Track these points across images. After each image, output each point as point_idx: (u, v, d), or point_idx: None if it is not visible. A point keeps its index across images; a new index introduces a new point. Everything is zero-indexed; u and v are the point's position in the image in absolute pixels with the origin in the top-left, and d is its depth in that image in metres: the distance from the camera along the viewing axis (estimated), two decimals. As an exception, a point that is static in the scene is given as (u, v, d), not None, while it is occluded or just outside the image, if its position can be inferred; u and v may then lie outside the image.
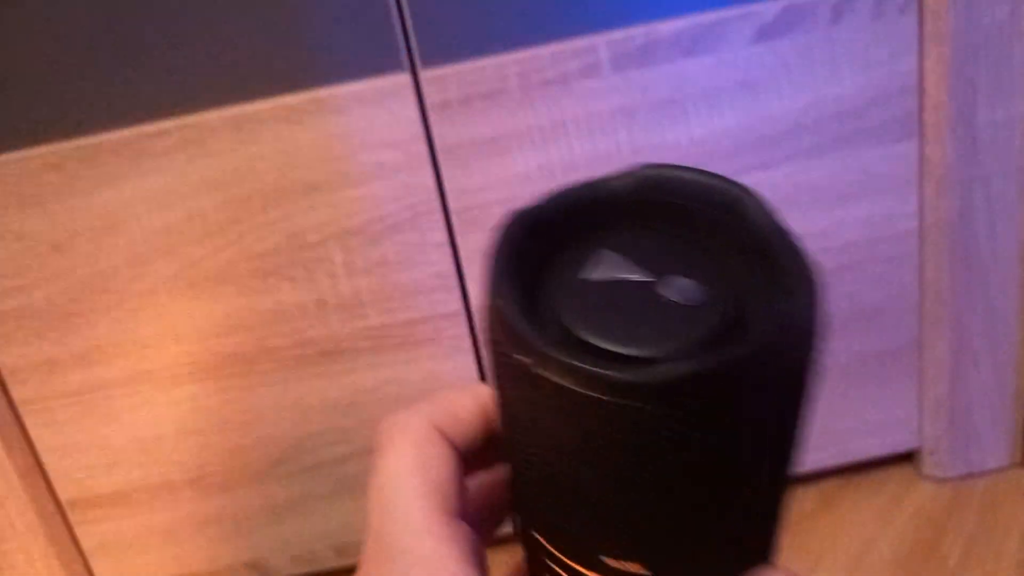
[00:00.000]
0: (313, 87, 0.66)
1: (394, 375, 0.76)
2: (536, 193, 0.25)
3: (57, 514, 0.79)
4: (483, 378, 0.77)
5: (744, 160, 0.71)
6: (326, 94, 0.66)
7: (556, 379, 0.21)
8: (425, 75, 0.66)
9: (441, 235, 0.71)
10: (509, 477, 0.27)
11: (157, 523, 0.81)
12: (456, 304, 0.74)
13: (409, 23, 0.65)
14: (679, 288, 0.23)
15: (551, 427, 0.22)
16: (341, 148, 0.68)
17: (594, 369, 0.20)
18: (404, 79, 0.66)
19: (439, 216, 0.71)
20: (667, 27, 0.67)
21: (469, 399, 0.28)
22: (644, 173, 0.25)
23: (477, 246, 0.72)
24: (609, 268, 0.23)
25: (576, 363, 0.21)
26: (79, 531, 0.80)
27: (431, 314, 0.74)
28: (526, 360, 0.21)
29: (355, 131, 0.68)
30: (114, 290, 0.72)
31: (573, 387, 0.21)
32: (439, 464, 0.26)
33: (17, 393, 0.74)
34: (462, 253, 0.72)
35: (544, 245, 0.24)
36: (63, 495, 0.79)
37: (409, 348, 0.75)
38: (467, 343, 0.75)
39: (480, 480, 0.29)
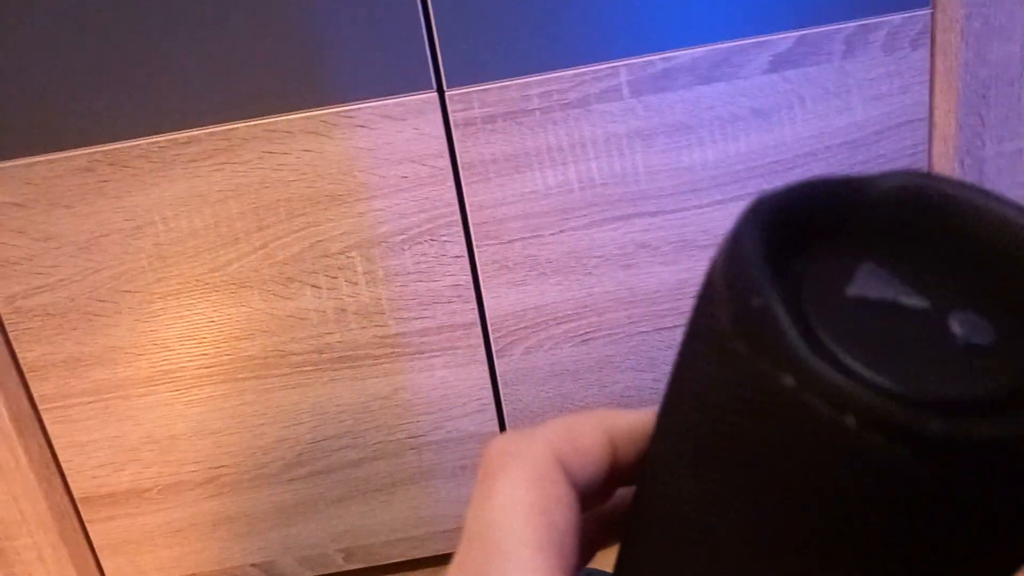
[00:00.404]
0: (343, 103, 0.68)
1: (408, 382, 0.78)
2: (552, 209, 0.23)
3: (70, 510, 0.80)
4: (495, 387, 0.79)
5: (755, 184, 0.73)
6: (354, 109, 0.68)
7: (836, 415, 0.16)
8: (451, 94, 0.69)
9: (460, 247, 0.73)
10: (648, 529, 0.22)
11: (168, 522, 0.82)
12: (472, 315, 0.76)
13: (438, 44, 0.67)
14: (971, 325, 0.18)
15: (778, 471, 0.18)
16: (367, 161, 0.70)
17: (930, 419, 0.16)
18: (431, 97, 0.69)
19: (458, 229, 0.73)
20: (685, 55, 0.69)
21: (594, 427, 0.23)
22: (917, 182, 0.20)
23: (494, 259, 0.74)
24: (878, 286, 0.19)
25: (887, 401, 0.16)
26: (91, 528, 0.81)
27: (447, 324, 0.76)
28: (787, 383, 0.17)
29: (381, 145, 0.70)
30: (138, 291, 0.73)
31: (852, 425, 0.16)
32: (560, 509, 0.21)
33: (37, 389, 0.76)
34: (479, 265, 0.74)
35: (792, 241, 0.20)
36: (77, 492, 0.80)
37: (424, 356, 0.77)
38: (481, 353, 0.77)
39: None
